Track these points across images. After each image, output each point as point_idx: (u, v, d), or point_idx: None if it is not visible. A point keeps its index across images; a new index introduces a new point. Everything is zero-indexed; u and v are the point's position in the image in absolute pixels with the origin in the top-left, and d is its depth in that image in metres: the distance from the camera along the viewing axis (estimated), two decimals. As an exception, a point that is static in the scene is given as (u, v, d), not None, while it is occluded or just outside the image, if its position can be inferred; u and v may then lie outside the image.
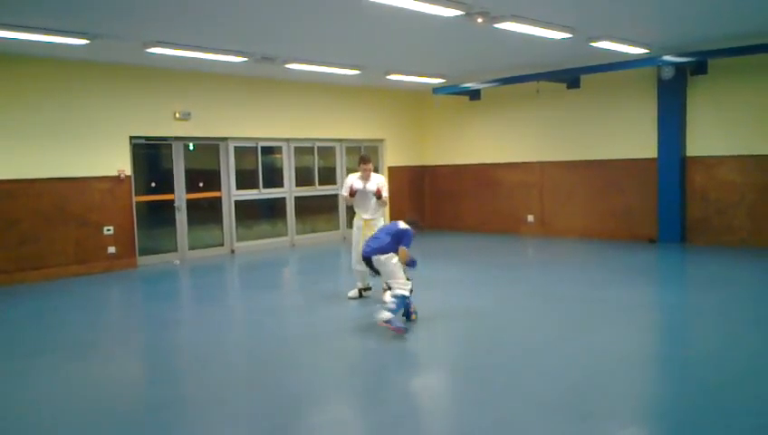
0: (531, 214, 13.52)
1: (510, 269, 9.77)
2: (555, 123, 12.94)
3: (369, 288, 7.80)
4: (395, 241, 6.41)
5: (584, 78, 12.24)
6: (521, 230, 13.60)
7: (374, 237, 6.59)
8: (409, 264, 6.44)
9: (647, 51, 10.23)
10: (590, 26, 8.59)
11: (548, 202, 13.25)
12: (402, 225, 6.55)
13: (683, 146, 11.20)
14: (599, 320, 6.56)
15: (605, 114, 12.17)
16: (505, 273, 9.45)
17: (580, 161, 12.63)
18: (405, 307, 6.48)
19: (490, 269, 9.80)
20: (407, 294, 6.29)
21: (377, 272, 6.51)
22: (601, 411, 4.26)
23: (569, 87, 12.47)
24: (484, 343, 5.96)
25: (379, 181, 7.61)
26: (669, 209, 11.35)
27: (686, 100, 11.11)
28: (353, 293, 7.81)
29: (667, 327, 6.64)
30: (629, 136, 11.88)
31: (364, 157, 7.81)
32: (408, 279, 6.38)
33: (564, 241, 12.40)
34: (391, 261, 6.33)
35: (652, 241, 11.59)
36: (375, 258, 6.35)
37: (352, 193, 7.55)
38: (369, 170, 7.64)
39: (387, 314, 6.08)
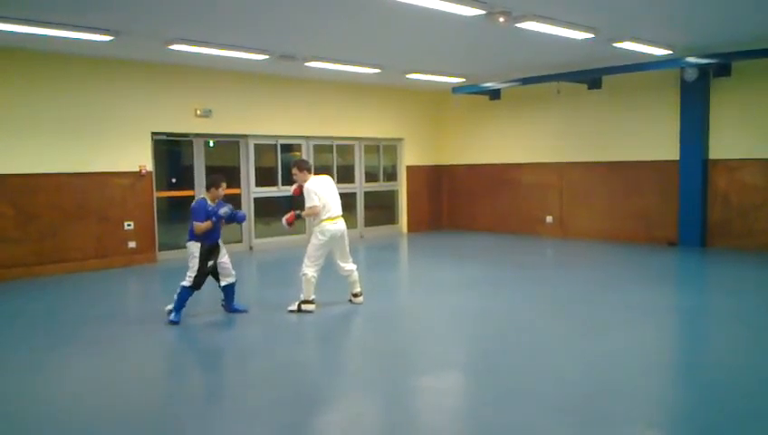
0: (549, 215, 13.44)
1: (527, 270, 9.73)
2: (575, 124, 12.85)
3: (312, 301, 7.03)
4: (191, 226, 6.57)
5: (606, 79, 12.14)
6: (539, 231, 13.53)
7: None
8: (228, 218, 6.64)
9: (670, 52, 10.12)
10: (613, 27, 8.52)
11: (567, 203, 13.17)
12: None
13: (705, 148, 11.07)
14: (616, 323, 6.51)
15: (626, 115, 12.06)
16: (523, 274, 9.42)
17: (600, 163, 12.53)
18: (181, 301, 6.50)
19: (507, 270, 9.76)
20: (186, 284, 6.45)
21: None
22: (617, 416, 4.23)
23: (590, 88, 12.38)
24: (498, 344, 5.94)
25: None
26: (690, 212, 11.23)
27: (708, 102, 10.98)
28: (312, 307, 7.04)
29: (686, 331, 6.58)
30: (651, 138, 11.77)
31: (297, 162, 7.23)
32: (198, 273, 6.46)
33: (583, 243, 12.32)
34: (190, 251, 6.57)
35: (672, 244, 11.47)
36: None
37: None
38: (297, 175, 7.05)
39: (168, 307, 6.45)
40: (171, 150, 11.47)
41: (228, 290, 6.94)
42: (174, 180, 11.35)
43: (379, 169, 14.56)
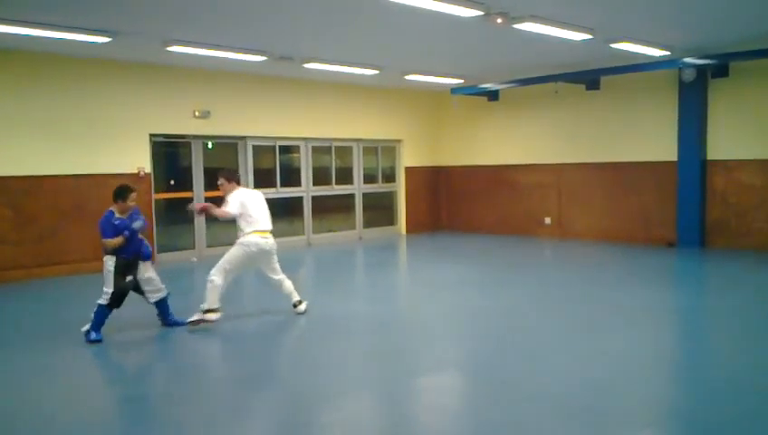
0: (548, 216, 13.45)
1: (526, 271, 9.74)
2: (574, 125, 12.87)
3: (217, 310, 6.51)
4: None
5: (604, 79, 12.15)
6: (538, 232, 13.54)
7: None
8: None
9: (667, 53, 10.14)
10: (610, 27, 8.54)
11: (565, 204, 13.18)
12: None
13: (703, 149, 11.09)
14: (615, 323, 6.51)
15: (624, 116, 12.08)
16: (521, 275, 9.43)
17: (599, 163, 12.54)
18: (98, 319, 6.00)
19: (506, 271, 9.77)
20: (103, 302, 5.98)
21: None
22: (617, 415, 4.24)
23: (588, 88, 12.39)
24: (497, 344, 5.95)
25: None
26: (688, 213, 11.24)
27: (706, 102, 11.00)
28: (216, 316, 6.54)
29: (685, 331, 6.58)
30: (649, 138, 11.78)
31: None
32: (114, 289, 5.95)
33: (581, 244, 12.33)
34: (105, 266, 6.06)
35: (670, 244, 11.48)
36: None
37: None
38: (223, 185, 6.75)
39: (85, 327, 5.98)
40: (169, 152, 11.47)
41: (161, 305, 6.45)
42: (172, 182, 11.35)
43: (378, 171, 14.57)
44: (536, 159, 13.52)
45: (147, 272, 6.32)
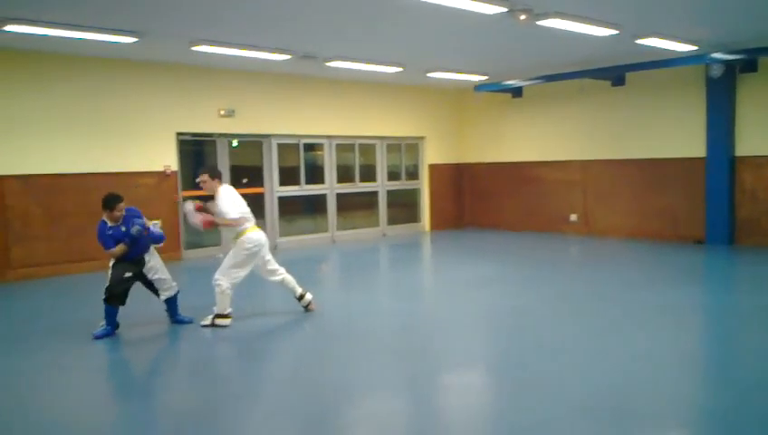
0: (574, 213, 13.35)
1: (552, 268, 9.68)
2: (599, 121, 12.74)
3: (228, 315, 6.51)
4: None
5: (630, 75, 12.01)
6: (563, 229, 13.44)
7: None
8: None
9: (695, 48, 9.99)
10: (636, 23, 8.44)
11: (591, 201, 13.07)
12: None
13: (732, 145, 10.92)
14: (643, 322, 6.45)
15: (651, 112, 11.94)
16: (547, 272, 9.37)
17: (625, 160, 12.41)
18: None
19: (531, 268, 9.72)
20: (103, 298, 6.07)
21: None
22: (643, 414, 4.20)
23: (614, 84, 12.27)
24: (522, 342, 5.93)
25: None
26: (717, 210, 11.07)
27: (735, 98, 10.82)
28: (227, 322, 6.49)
29: (714, 330, 6.50)
30: (676, 135, 11.63)
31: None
32: (110, 285, 6.01)
33: (608, 241, 12.21)
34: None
35: (699, 242, 11.32)
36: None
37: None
38: (206, 183, 6.58)
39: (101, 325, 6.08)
40: (195, 150, 11.61)
41: (170, 303, 6.54)
42: (198, 181, 11.45)
43: (401, 168, 14.58)
44: (561, 155, 13.42)
45: (158, 273, 6.39)
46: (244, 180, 11.99)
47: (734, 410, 4.21)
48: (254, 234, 6.51)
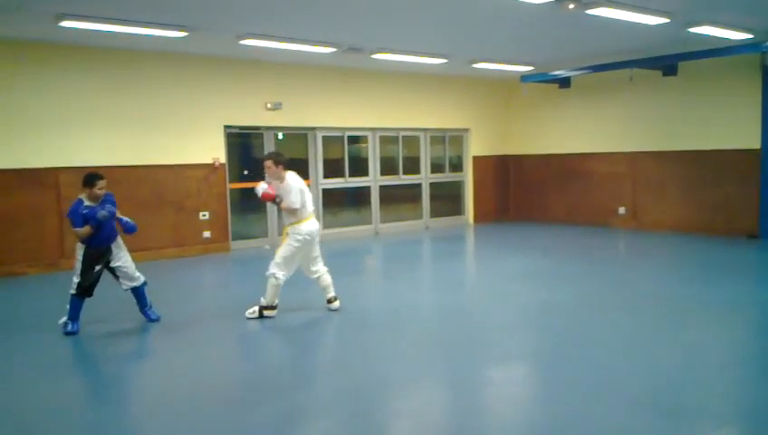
0: (622, 206, 13.10)
1: (599, 262, 9.54)
2: (650, 112, 12.46)
3: (275, 307, 6.56)
4: None
5: (682, 65, 11.68)
6: (611, 222, 13.21)
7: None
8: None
9: (750, 36, 9.66)
10: (689, 11, 8.22)
11: (640, 194, 12.80)
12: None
13: (789, 136, 10.56)
14: (692, 318, 6.32)
15: (704, 103, 11.60)
16: (594, 266, 9.24)
17: (676, 152, 12.11)
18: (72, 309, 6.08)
19: (577, 262, 9.60)
20: (72, 292, 6.04)
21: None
22: (691, 410, 4.14)
23: (665, 74, 11.95)
24: (569, 337, 5.87)
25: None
26: (772, 203, 10.74)
27: (793, 87, 10.46)
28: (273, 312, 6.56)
29: (766, 327, 6.32)
30: (730, 125, 11.28)
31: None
32: (81, 280, 6.01)
33: (657, 234, 11.96)
34: (76, 255, 6.16)
35: (752, 236, 10.99)
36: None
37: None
38: (270, 169, 6.59)
39: (63, 319, 6.05)
40: (243, 143, 11.80)
41: (137, 293, 6.45)
42: (246, 172, 11.67)
43: (445, 160, 14.53)
44: (610, 147, 13.18)
45: (120, 261, 6.30)
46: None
47: (790, 409, 4.11)
48: (308, 224, 6.46)
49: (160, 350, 5.90)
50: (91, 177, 6.17)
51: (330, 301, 6.77)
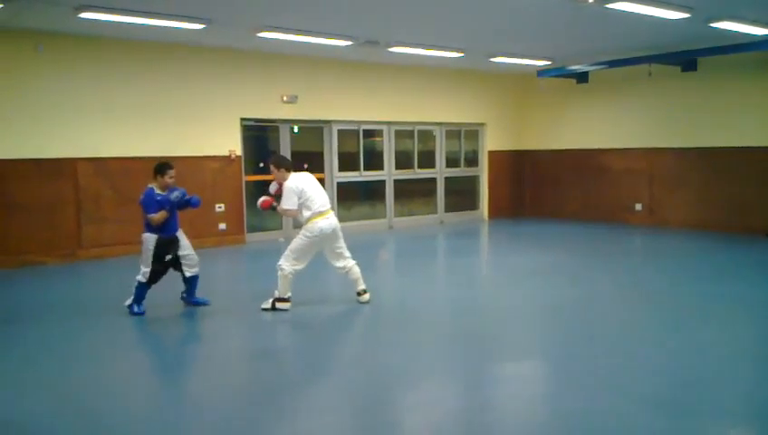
0: (639, 202, 13.00)
1: (615, 259, 9.48)
2: (668, 108, 12.33)
3: (288, 299, 6.57)
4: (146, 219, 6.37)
5: (702, 60, 11.55)
6: (628, 219, 13.11)
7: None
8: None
9: (773, 31, 9.53)
10: (709, 5, 8.10)
11: (657, 190, 12.69)
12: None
13: (810, 133, 10.41)
14: (708, 316, 6.27)
15: (723, 99, 11.46)
16: (610, 263, 9.18)
17: (694, 148, 11.98)
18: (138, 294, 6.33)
19: (593, 258, 9.54)
20: (142, 280, 6.27)
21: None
22: (706, 408, 4.10)
23: (684, 70, 11.82)
24: (583, 333, 5.84)
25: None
26: (792, 201, 10.60)
27: (816, 84, 10.30)
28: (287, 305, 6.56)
29: (786, 326, 6.25)
30: (750, 123, 11.15)
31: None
32: (152, 268, 6.25)
33: (674, 231, 11.85)
34: (144, 244, 6.37)
35: (771, 235, 10.88)
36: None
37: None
38: (274, 173, 6.67)
39: (128, 301, 6.32)
40: (258, 136, 11.84)
41: (192, 281, 6.65)
42: (261, 165, 11.69)
43: (461, 155, 14.48)
44: (627, 143, 13.06)
45: (184, 250, 6.54)
46: (305, 166, 12.14)
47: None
48: (321, 222, 6.40)
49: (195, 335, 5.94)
50: (162, 166, 6.45)
51: (359, 293, 6.74)
